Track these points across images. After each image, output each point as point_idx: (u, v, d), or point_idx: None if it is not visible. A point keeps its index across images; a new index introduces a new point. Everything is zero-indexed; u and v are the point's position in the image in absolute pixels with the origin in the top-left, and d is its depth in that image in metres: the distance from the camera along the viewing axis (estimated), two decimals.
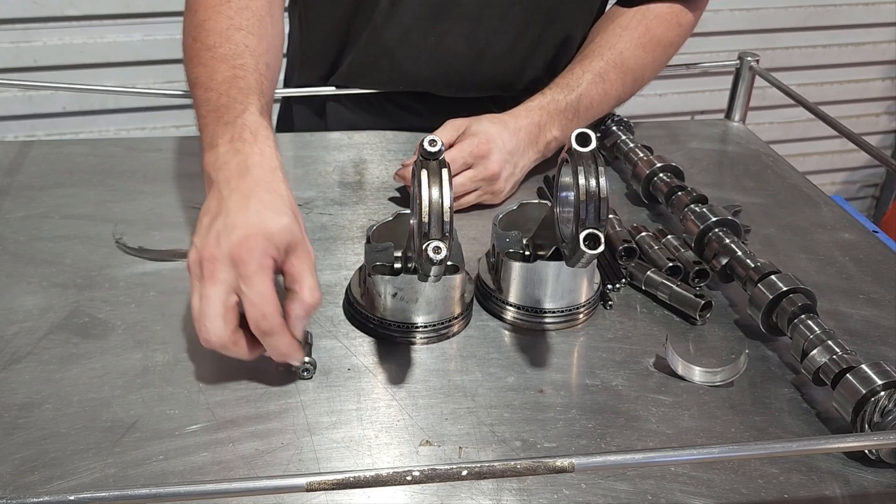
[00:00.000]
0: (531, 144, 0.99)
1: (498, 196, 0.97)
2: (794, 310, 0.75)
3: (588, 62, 1.04)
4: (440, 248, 0.62)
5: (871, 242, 0.97)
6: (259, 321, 0.66)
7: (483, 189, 0.96)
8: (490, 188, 0.96)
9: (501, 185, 0.97)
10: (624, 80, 1.05)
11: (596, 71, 1.03)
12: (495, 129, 0.96)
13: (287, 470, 0.63)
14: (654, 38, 1.07)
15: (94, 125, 2.05)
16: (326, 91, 1.14)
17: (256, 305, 0.65)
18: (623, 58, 1.05)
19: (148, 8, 1.95)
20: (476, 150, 0.94)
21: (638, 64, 1.06)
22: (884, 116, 2.75)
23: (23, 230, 0.89)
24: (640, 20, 1.07)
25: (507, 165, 0.96)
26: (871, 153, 1.02)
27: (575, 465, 0.53)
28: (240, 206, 0.67)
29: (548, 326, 0.79)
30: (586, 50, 1.07)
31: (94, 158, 1.04)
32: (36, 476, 0.60)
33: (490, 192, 0.97)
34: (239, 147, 0.72)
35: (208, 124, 0.76)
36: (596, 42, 1.06)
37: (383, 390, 0.71)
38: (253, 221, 0.66)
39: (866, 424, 0.66)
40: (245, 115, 0.75)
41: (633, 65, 1.06)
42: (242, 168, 0.70)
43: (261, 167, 0.71)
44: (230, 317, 0.66)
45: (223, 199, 0.69)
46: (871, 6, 2.51)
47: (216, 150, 0.73)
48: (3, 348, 0.72)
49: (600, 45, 1.05)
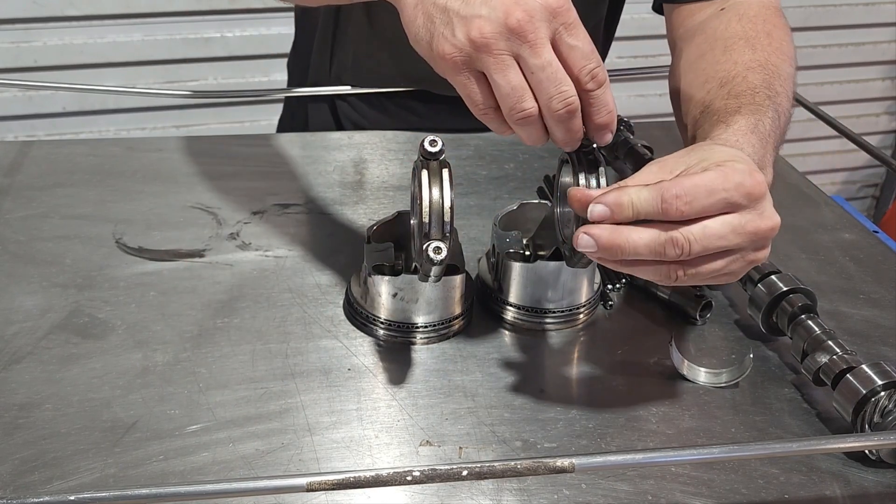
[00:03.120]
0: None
1: (753, 264, 0.62)
2: (794, 310, 0.75)
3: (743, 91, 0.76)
4: (440, 249, 0.62)
5: (871, 242, 0.97)
6: (598, 73, 0.60)
7: (745, 254, 0.60)
8: (755, 254, 0.61)
9: (768, 248, 0.62)
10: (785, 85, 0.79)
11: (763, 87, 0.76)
12: (738, 153, 0.63)
13: (287, 470, 0.63)
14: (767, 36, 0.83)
15: (94, 125, 2.05)
16: (326, 91, 1.14)
17: (590, 54, 0.60)
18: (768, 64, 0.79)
19: (148, 8, 1.95)
20: (750, 184, 0.58)
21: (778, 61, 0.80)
22: (884, 116, 2.75)
23: (23, 230, 0.89)
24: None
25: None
26: (871, 153, 1.02)
27: (575, 465, 0.53)
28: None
29: (548, 326, 0.79)
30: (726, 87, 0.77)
31: (94, 158, 1.04)
32: (36, 476, 0.60)
33: (753, 259, 0.61)
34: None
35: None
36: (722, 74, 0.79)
37: (383, 390, 0.71)
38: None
39: (866, 425, 0.66)
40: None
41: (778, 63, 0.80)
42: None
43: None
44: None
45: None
46: (871, 6, 2.51)
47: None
48: (3, 348, 0.72)
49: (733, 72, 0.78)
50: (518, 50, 0.59)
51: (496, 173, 1.06)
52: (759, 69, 0.77)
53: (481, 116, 0.63)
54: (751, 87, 0.75)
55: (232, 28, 2.03)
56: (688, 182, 0.57)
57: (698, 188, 0.56)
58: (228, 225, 0.91)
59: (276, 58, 1.96)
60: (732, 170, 0.58)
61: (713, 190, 0.56)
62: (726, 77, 0.77)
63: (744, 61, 0.79)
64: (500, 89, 0.60)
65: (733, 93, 0.75)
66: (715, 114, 0.73)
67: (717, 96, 0.76)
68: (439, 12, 0.61)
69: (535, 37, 0.58)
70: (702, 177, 0.57)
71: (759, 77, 0.76)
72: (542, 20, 0.59)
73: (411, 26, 0.63)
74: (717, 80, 0.78)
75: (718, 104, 0.74)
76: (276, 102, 1.34)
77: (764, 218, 0.59)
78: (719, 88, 0.76)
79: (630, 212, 0.57)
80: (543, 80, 0.59)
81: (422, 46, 0.63)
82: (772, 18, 0.86)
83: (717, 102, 0.75)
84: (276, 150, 1.09)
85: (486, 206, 0.98)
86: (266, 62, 2.06)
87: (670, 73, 0.90)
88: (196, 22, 2.00)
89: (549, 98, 0.60)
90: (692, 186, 0.56)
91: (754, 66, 0.78)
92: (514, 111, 0.60)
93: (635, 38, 1.90)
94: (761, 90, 0.75)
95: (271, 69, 2.06)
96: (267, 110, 2.08)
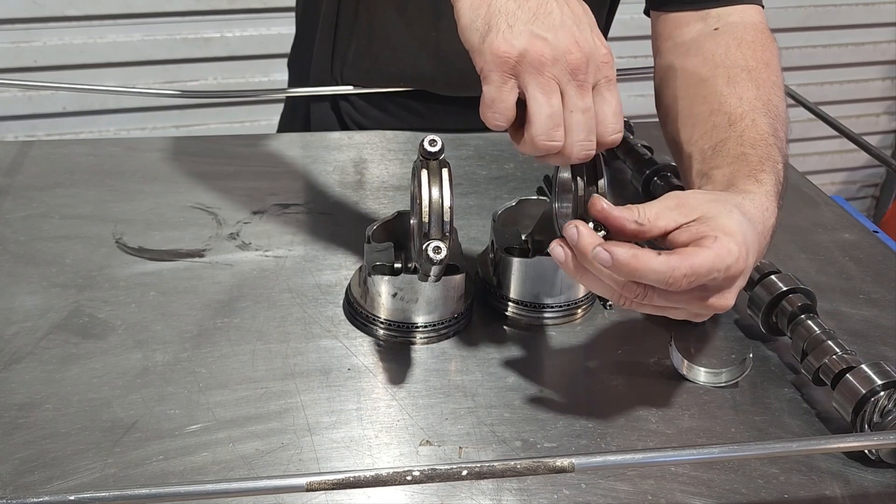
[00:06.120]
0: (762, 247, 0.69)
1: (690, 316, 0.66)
2: (793, 310, 0.75)
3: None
4: (440, 248, 0.62)
5: (871, 242, 0.97)
6: (619, 136, 0.63)
7: (689, 309, 0.65)
8: (696, 312, 0.65)
9: (706, 316, 0.67)
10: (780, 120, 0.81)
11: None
12: (746, 230, 0.64)
13: (287, 470, 0.63)
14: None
15: (94, 125, 2.05)
16: (326, 91, 1.14)
17: (619, 115, 0.63)
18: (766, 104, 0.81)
19: (148, 8, 1.95)
20: (735, 269, 0.62)
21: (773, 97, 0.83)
22: (884, 116, 2.75)
23: (23, 230, 0.89)
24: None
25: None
26: (871, 153, 1.02)
27: (575, 465, 0.53)
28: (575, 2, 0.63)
29: (547, 321, 0.79)
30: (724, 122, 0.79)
31: (94, 158, 1.04)
32: (36, 476, 0.60)
33: (694, 314, 0.66)
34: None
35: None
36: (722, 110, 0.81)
37: (383, 390, 0.71)
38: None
39: (866, 424, 0.66)
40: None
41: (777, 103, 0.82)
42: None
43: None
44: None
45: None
46: (871, 6, 2.51)
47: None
48: (3, 348, 0.72)
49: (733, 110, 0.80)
50: (565, 86, 0.61)
51: (496, 173, 1.06)
52: (764, 111, 0.80)
53: (490, 120, 0.63)
54: (762, 137, 0.77)
55: (232, 28, 2.03)
56: (696, 263, 0.60)
57: (702, 268, 0.60)
58: (228, 225, 0.91)
59: (276, 58, 1.97)
60: (728, 252, 0.61)
61: (710, 270, 0.60)
62: (734, 115, 0.79)
63: (749, 99, 0.80)
64: (541, 109, 0.61)
65: (748, 141, 0.76)
66: (735, 161, 0.75)
67: (729, 137, 0.77)
68: (506, 13, 0.62)
69: (584, 78, 0.61)
70: (705, 257, 0.60)
71: (766, 123, 0.78)
72: (594, 67, 0.61)
73: (470, 12, 0.64)
74: (724, 114, 0.80)
75: (734, 149, 0.76)
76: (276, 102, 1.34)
77: (722, 297, 0.63)
78: (729, 127, 0.78)
79: (634, 276, 0.60)
80: (580, 122, 0.62)
81: (472, 34, 0.64)
82: (766, 42, 0.88)
83: (730, 145, 0.76)
84: (277, 150, 1.09)
85: (486, 206, 0.98)
86: (266, 62, 2.06)
87: (661, 85, 0.91)
88: (196, 22, 2.00)
89: (576, 141, 0.62)
90: (699, 267, 0.60)
91: (759, 107, 0.80)
92: (546, 137, 0.61)
93: (635, 38, 1.90)
94: (771, 139, 0.77)
95: (271, 69, 2.06)
96: (267, 110, 2.09)
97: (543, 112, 0.61)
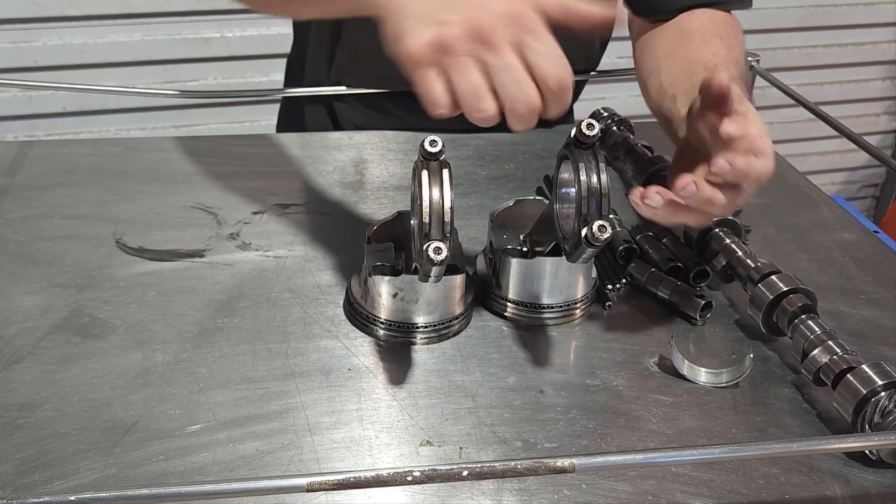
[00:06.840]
0: None
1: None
2: (794, 310, 0.75)
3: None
4: (440, 249, 0.62)
5: (871, 242, 0.97)
6: (563, 77, 0.62)
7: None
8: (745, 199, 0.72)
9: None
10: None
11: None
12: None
13: (287, 470, 0.63)
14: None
15: (94, 125, 2.05)
16: (326, 91, 1.14)
17: (556, 58, 0.62)
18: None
19: (148, 8, 1.95)
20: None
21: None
22: (884, 116, 2.75)
23: (23, 230, 0.89)
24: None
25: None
26: (871, 153, 1.02)
27: (575, 465, 0.53)
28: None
29: (546, 321, 0.79)
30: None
31: (94, 158, 1.04)
32: (36, 476, 0.60)
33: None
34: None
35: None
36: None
37: (384, 390, 0.71)
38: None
39: (867, 425, 0.66)
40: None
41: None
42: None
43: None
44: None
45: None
46: (871, 6, 2.51)
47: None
48: (3, 348, 0.72)
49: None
50: (481, 54, 0.62)
51: (496, 173, 1.06)
52: (735, 67, 0.88)
53: (434, 113, 0.64)
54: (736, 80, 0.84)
55: (232, 28, 2.03)
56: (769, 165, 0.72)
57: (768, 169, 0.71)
58: (228, 225, 0.91)
59: (276, 58, 1.96)
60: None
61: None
62: (709, 64, 0.87)
63: (722, 55, 0.89)
64: (460, 88, 0.62)
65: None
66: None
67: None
68: (413, 15, 0.64)
69: (496, 40, 0.61)
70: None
71: (735, 72, 0.86)
72: (506, 26, 0.62)
73: (388, 28, 0.66)
74: (701, 64, 0.88)
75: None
76: (276, 102, 1.34)
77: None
78: (706, 72, 0.84)
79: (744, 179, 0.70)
80: (506, 81, 0.62)
81: (392, 47, 0.66)
82: (735, 24, 0.97)
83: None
84: (276, 150, 1.09)
85: (486, 206, 0.98)
86: (266, 62, 2.06)
87: (641, 57, 1.00)
88: (196, 22, 2.00)
89: (512, 100, 0.62)
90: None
91: (731, 62, 0.88)
92: (473, 110, 0.63)
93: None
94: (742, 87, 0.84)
95: (271, 69, 2.06)
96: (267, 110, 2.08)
97: (462, 89, 0.62)
